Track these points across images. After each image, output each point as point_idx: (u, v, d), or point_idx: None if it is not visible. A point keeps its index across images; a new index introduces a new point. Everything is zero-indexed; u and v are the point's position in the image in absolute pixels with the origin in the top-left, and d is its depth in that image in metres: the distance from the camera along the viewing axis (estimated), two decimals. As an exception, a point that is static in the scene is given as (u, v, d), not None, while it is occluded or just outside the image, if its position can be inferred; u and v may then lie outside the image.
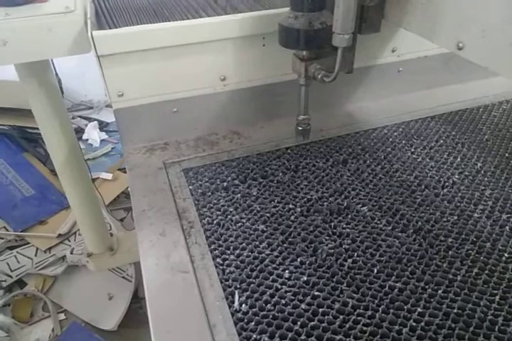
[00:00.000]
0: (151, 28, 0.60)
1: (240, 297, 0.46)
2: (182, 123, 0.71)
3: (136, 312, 1.37)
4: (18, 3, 0.68)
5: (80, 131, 2.24)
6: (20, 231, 1.63)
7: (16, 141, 1.95)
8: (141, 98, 0.66)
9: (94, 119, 2.34)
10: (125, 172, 2.01)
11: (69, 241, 1.63)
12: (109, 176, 1.89)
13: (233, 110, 0.71)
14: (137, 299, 1.41)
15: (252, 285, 0.48)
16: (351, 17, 0.49)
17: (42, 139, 2.06)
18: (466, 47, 0.43)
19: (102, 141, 2.19)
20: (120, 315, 1.32)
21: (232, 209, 0.59)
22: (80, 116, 2.40)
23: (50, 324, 1.35)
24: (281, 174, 0.65)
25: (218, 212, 0.58)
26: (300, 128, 0.67)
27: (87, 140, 2.19)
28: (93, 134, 2.19)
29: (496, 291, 0.46)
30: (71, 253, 1.54)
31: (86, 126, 2.27)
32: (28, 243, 1.62)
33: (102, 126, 2.30)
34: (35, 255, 1.56)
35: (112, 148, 2.14)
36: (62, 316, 1.38)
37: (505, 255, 0.50)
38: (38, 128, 2.19)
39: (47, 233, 1.64)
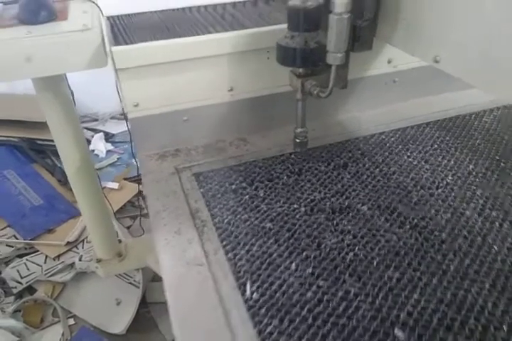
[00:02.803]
0: (164, 44, 0.66)
1: (251, 287, 0.50)
2: (192, 131, 0.76)
3: (144, 316, 1.40)
4: (41, 21, 0.73)
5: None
6: (30, 240, 1.67)
7: (24, 153, 2.00)
8: (155, 108, 0.71)
9: (100, 131, 2.40)
10: (131, 181, 2.06)
11: (77, 248, 1.66)
12: (115, 185, 1.94)
13: (240, 118, 0.76)
14: (145, 304, 1.44)
15: (261, 276, 0.52)
16: (344, 37, 0.54)
17: (50, 150, 2.13)
18: (442, 61, 0.48)
19: (107, 151, 2.25)
20: (129, 319, 1.35)
21: (240, 210, 0.63)
22: (86, 128, 2.46)
23: (59, 329, 1.38)
24: (285, 177, 0.70)
25: (228, 212, 0.63)
26: (298, 140, 0.72)
27: (93, 151, 2.25)
28: (99, 145, 2.24)
29: (485, 279, 0.50)
30: (79, 260, 1.57)
31: (92, 137, 2.33)
32: (37, 251, 1.66)
33: (108, 137, 2.36)
34: (45, 262, 1.59)
35: (118, 159, 2.19)
36: (71, 321, 1.41)
37: (495, 247, 0.55)
38: (45, 140, 2.25)
39: (55, 241, 1.68)
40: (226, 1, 0.85)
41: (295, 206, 0.64)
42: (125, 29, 0.76)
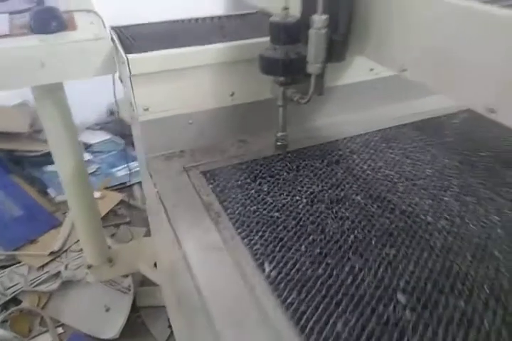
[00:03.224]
0: (175, 52, 0.72)
1: (268, 266, 0.57)
2: (196, 133, 0.82)
3: (134, 321, 1.42)
4: (52, 31, 0.78)
5: (63, 153, 2.28)
6: (12, 251, 1.66)
7: (1, 164, 1.98)
8: (163, 111, 0.77)
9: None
10: (112, 190, 2.07)
11: (61, 258, 1.66)
12: (97, 194, 1.94)
13: (240, 121, 0.83)
14: (134, 309, 1.46)
15: (276, 257, 0.58)
16: (322, 49, 0.61)
17: (27, 161, 2.11)
18: (407, 70, 0.57)
19: (86, 161, 2.25)
20: (121, 324, 1.37)
21: (249, 202, 0.70)
22: (62, 139, 2.44)
23: (48, 338, 1.38)
24: (285, 173, 0.77)
25: (238, 205, 0.69)
26: (279, 143, 0.79)
27: (72, 161, 2.24)
28: (77, 155, 2.24)
29: (467, 252, 0.59)
30: (65, 268, 1.58)
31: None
32: (19, 262, 1.65)
33: (86, 147, 2.36)
34: (28, 273, 1.58)
35: (97, 168, 2.20)
36: (60, 330, 1.41)
37: (471, 226, 0.64)
38: (23, 151, 2.22)
39: (38, 251, 1.67)
40: (221, 14, 0.93)
41: (297, 198, 0.71)
42: (131, 39, 0.82)
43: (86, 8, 0.94)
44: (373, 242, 0.61)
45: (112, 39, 0.81)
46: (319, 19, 0.59)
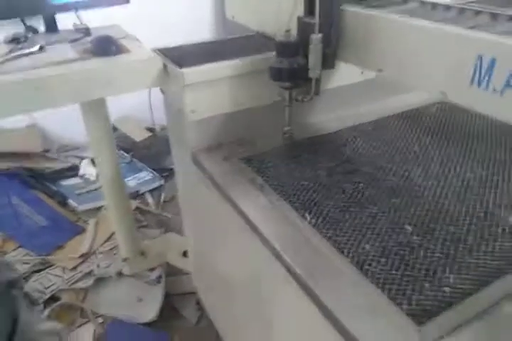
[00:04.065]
0: (214, 66, 0.93)
1: (308, 215, 0.77)
2: (231, 129, 1.02)
3: (166, 308, 1.57)
4: (113, 53, 0.98)
5: (75, 168, 2.45)
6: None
7: (23, 180, 2.14)
8: (206, 113, 0.97)
9: (86, 157, 2.56)
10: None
11: (91, 259, 1.81)
12: (114, 202, 2.11)
13: (264, 118, 1.04)
14: (165, 297, 1.61)
15: (312, 210, 0.79)
16: (319, 59, 0.83)
17: (44, 177, 2.26)
18: (384, 71, 0.78)
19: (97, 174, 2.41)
20: (156, 308, 1.53)
21: (282, 176, 0.90)
22: (71, 155, 2.60)
23: (90, 327, 1.53)
24: (305, 154, 0.98)
25: (274, 179, 0.89)
26: (286, 135, 1.00)
27: (84, 175, 2.40)
28: (89, 169, 2.40)
29: (451, 197, 0.80)
30: (97, 267, 1.73)
31: (80, 163, 2.49)
32: (52, 265, 1.79)
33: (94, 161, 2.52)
34: (64, 273, 1.73)
35: (109, 180, 2.36)
36: (100, 320, 1.56)
37: (453, 181, 0.85)
38: (38, 168, 2.38)
39: (68, 255, 1.83)
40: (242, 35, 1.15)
41: (318, 172, 0.92)
42: (173, 57, 1.02)
43: (125, 35, 1.15)
44: (382, 196, 0.82)
45: (162, 58, 1.00)
46: (316, 37, 0.81)
